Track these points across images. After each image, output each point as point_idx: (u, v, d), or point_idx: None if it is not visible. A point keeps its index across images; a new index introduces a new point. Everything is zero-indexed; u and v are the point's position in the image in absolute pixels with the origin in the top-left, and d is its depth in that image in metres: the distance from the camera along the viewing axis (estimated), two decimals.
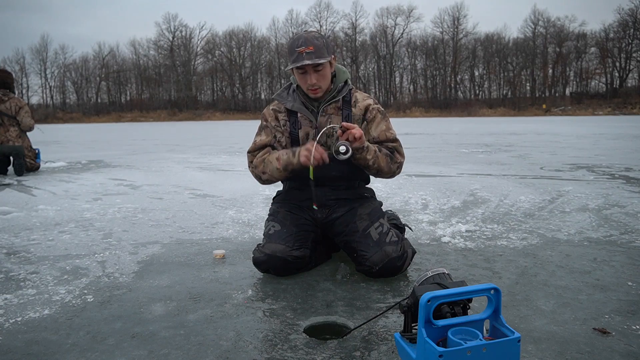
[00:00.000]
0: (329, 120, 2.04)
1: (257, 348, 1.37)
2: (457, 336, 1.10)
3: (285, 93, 2.12)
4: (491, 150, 8.28)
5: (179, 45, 56.58)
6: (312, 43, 1.90)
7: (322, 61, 1.90)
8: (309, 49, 1.89)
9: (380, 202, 2.18)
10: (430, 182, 4.56)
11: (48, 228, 2.93)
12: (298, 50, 1.91)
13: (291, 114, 2.09)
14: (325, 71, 1.97)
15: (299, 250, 1.96)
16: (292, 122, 2.09)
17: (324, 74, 1.97)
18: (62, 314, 1.64)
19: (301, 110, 2.06)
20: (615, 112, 38.92)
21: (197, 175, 5.49)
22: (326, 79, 1.99)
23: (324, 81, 1.99)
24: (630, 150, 7.80)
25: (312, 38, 1.92)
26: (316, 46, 1.90)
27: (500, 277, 1.95)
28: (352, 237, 1.98)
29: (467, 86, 55.54)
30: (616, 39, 48.51)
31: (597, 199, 3.56)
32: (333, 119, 2.05)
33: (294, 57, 1.94)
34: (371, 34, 55.16)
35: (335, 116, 2.05)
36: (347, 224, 2.02)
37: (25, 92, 54.66)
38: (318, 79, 1.96)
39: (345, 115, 2.06)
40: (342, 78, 2.09)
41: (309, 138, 2.05)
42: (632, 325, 1.47)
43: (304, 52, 1.90)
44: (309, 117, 2.06)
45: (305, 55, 1.89)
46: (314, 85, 1.97)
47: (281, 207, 2.14)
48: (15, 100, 5.79)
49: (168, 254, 2.36)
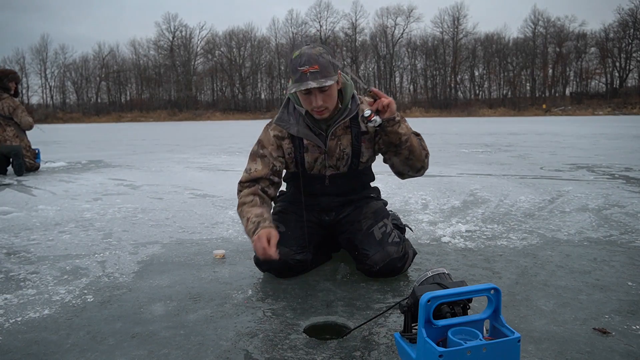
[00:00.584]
0: (339, 143, 1.92)
1: (257, 348, 1.37)
2: (457, 336, 1.10)
3: (286, 115, 1.93)
4: (491, 150, 8.27)
5: (179, 45, 56.61)
6: (317, 61, 1.71)
7: (329, 83, 1.72)
8: (313, 68, 1.70)
9: (385, 202, 2.18)
10: (430, 182, 4.56)
11: (48, 228, 2.93)
12: (301, 70, 1.71)
13: (295, 138, 1.93)
14: (332, 91, 1.79)
15: (301, 254, 1.94)
16: (297, 146, 1.93)
17: (331, 93, 1.78)
18: (62, 314, 1.64)
19: (308, 137, 1.90)
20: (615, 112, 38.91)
21: (197, 175, 5.49)
22: (333, 99, 1.81)
23: (331, 101, 1.81)
24: (630, 150, 7.80)
25: (317, 55, 1.72)
26: (321, 65, 1.71)
27: (500, 277, 1.95)
28: (355, 235, 1.97)
29: (467, 86, 55.58)
30: (616, 39, 48.52)
31: (597, 199, 3.56)
32: (342, 140, 1.93)
33: (296, 77, 1.74)
34: (371, 34, 55.23)
35: (344, 136, 1.93)
36: (352, 223, 2.02)
37: (25, 92, 54.66)
38: (324, 99, 1.78)
39: (354, 133, 1.93)
40: (349, 93, 1.90)
41: (317, 163, 1.95)
42: (632, 325, 1.47)
43: (308, 71, 1.70)
44: (316, 143, 1.91)
45: (310, 75, 1.70)
46: (319, 107, 1.79)
47: (288, 206, 2.09)
48: (8, 100, 5.76)
49: (168, 254, 2.36)
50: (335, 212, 2.07)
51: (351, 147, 1.95)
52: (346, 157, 1.95)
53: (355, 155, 1.97)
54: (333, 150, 1.94)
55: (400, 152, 1.90)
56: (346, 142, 1.94)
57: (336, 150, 1.94)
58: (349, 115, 1.89)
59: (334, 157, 1.95)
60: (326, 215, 2.08)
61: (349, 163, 1.98)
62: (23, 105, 5.99)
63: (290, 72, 1.80)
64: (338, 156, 1.95)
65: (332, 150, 1.93)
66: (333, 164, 1.96)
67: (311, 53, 1.73)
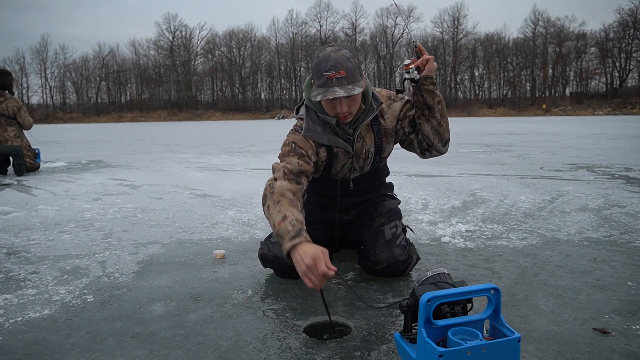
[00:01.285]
0: (364, 144, 1.90)
1: (257, 348, 1.37)
2: (457, 336, 1.10)
3: (311, 124, 1.81)
4: (491, 150, 8.27)
5: (179, 45, 56.65)
6: (344, 66, 1.61)
7: (357, 91, 1.62)
8: (340, 73, 1.60)
9: (399, 201, 2.16)
10: (430, 182, 4.56)
11: (48, 228, 2.93)
12: (327, 75, 1.61)
13: (328, 149, 1.86)
14: (358, 96, 1.70)
15: None
16: (329, 155, 1.88)
17: (356, 99, 1.70)
18: (62, 314, 1.64)
19: (337, 144, 1.83)
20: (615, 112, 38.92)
21: (197, 175, 5.49)
22: (357, 103, 1.73)
23: (356, 106, 1.73)
24: (630, 150, 7.79)
25: (344, 59, 1.62)
26: (348, 70, 1.61)
27: (500, 277, 1.95)
28: (366, 231, 1.98)
29: (467, 86, 55.62)
30: (616, 39, 48.55)
31: (597, 199, 3.56)
32: (366, 140, 1.90)
33: (321, 82, 1.64)
34: (371, 34, 55.30)
35: (367, 134, 1.89)
36: (364, 218, 2.03)
37: (25, 92, 54.77)
38: (350, 105, 1.70)
39: (375, 131, 1.90)
40: (370, 92, 1.82)
41: (344, 167, 1.92)
42: (632, 325, 1.47)
43: (334, 77, 1.60)
44: (345, 148, 1.86)
45: (336, 81, 1.61)
46: (344, 113, 1.71)
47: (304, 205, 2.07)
48: (13, 100, 5.81)
49: (168, 254, 2.36)
50: (353, 210, 2.08)
51: (374, 145, 1.93)
52: (370, 156, 1.94)
53: (378, 152, 1.95)
54: (360, 152, 1.91)
55: (433, 115, 1.85)
56: (370, 142, 1.91)
57: (362, 151, 1.91)
58: (372, 114, 1.83)
59: (361, 159, 1.92)
60: (346, 215, 2.07)
61: (372, 161, 1.96)
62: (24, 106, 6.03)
63: (314, 75, 1.69)
64: (364, 157, 1.93)
65: (359, 152, 1.91)
66: (360, 165, 1.94)
67: (337, 57, 1.62)
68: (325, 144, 1.84)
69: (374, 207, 2.05)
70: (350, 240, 2.11)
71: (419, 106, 1.87)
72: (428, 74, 1.79)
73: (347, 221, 2.09)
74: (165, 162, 7.15)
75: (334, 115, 1.76)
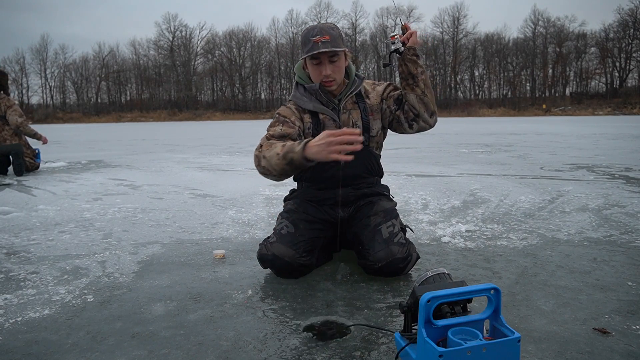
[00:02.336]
0: (350, 117, 2.02)
1: (257, 348, 1.37)
2: (457, 336, 1.10)
3: (299, 94, 2.03)
4: (491, 150, 8.27)
5: (179, 45, 56.62)
6: (329, 32, 1.87)
7: (339, 50, 1.87)
8: (325, 38, 1.85)
9: (395, 203, 2.18)
10: (430, 182, 4.56)
11: (48, 228, 2.93)
12: (313, 40, 1.86)
13: (313, 115, 2.02)
14: (340, 63, 1.92)
15: (306, 258, 1.93)
16: (315, 124, 2.01)
17: (339, 65, 1.92)
18: (62, 314, 1.64)
19: (323, 111, 2.00)
20: (615, 112, 38.92)
21: (197, 175, 5.49)
22: (341, 72, 1.94)
23: (339, 73, 1.94)
24: (630, 150, 7.80)
25: (328, 28, 1.89)
26: (332, 36, 1.87)
27: (500, 277, 1.95)
28: (363, 231, 1.98)
29: (467, 86, 55.59)
30: (616, 39, 48.54)
31: (597, 199, 3.56)
32: (353, 114, 2.03)
33: (308, 47, 1.87)
34: (371, 34, 55.28)
35: (354, 110, 2.03)
36: (361, 218, 2.04)
37: (25, 92, 54.74)
38: (333, 70, 1.91)
39: (362, 108, 2.04)
40: (354, 71, 2.05)
41: None
42: (632, 325, 1.47)
43: (319, 41, 1.85)
44: (331, 116, 2.01)
45: (322, 44, 1.85)
46: (328, 77, 1.92)
47: (299, 205, 2.08)
48: (5, 100, 5.76)
49: (168, 254, 2.36)
50: (351, 206, 2.09)
51: (362, 122, 2.04)
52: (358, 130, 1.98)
53: (366, 130, 2.05)
54: (346, 123, 2.01)
55: (417, 84, 2.00)
56: (356, 116, 2.03)
57: (349, 123, 2.02)
58: (356, 88, 2.02)
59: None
60: (342, 210, 2.08)
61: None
62: (17, 105, 5.95)
63: (302, 44, 1.92)
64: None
65: (345, 123, 2.01)
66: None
67: (323, 26, 1.89)
68: (310, 110, 2.00)
69: (370, 207, 2.06)
70: (348, 239, 2.11)
71: (403, 76, 2.03)
72: (411, 45, 1.99)
73: (343, 218, 2.08)
74: (165, 162, 7.15)
75: (319, 81, 1.95)
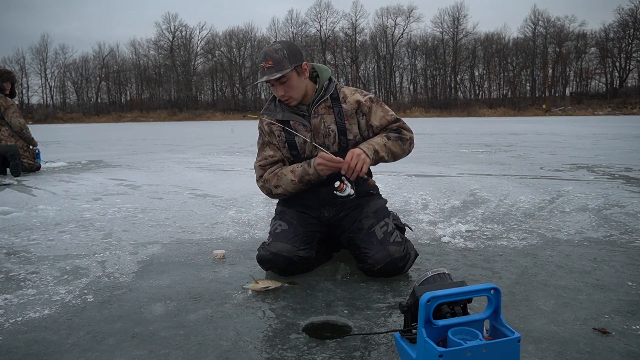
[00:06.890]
0: (323, 121, 2.04)
1: (257, 348, 1.37)
2: (457, 336, 1.10)
3: (272, 106, 2.12)
4: (491, 150, 8.27)
5: (179, 45, 56.58)
6: (271, 57, 1.93)
7: (277, 75, 1.91)
8: (268, 64, 1.93)
9: (385, 200, 2.18)
10: (430, 182, 4.56)
11: (48, 228, 2.93)
12: (261, 66, 1.97)
13: (284, 124, 2.08)
14: (292, 82, 1.96)
15: (305, 250, 1.96)
16: (287, 132, 2.08)
17: (290, 84, 1.97)
18: (62, 314, 1.64)
19: (292, 118, 2.05)
20: (615, 112, 38.90)
21: (197, 175, 5.49)
22: (294, 89, 1.99)
23: (293, 91, 1.99)
24: (630, 150, 7.80)
25: (272, 52, 1.94)
26: (275, 60, 1.92)
27: (500, 277, 1.95)
28: (357, 235, 1.98)
29: (467, 86, 55.55)
30: (616, 39, 48.50)
31: (597, 199, 3.56)
32: (326, 119, 2.04)
33: (259, 72, 1.99)
34: (371, 34, 55.17)
35: (328, 115, 2.05)
36: (353, 222, 2.03)
37: (25, 92, 54.70)
38: (285, 90, 1.97)
39: (336, 112, 2.05)
40: (326, 76, 2.08)
41: (307, 145, 2.05)
42: (632, 325, 1.47)
43: (264, 67, 1.94)
44: (302, 122, 2.05)
45: (266, 70, 1.94)
46: (283, 97, 1.99)
47: (289, 206, 2.13)
48: (1, 100, 5.72)
49: (168, 254, 2.36)
50: (335, 208, 2.08)
51: (336, 125, 2.05)
52: (332, 134, 2.04)
53: (342, 132, 2.06)
54: (318, 127, 2.04)
55: (386, 161, 2.06)
56: (330, 120, 2.05)
57: (321, 127, 2.04)
58: (326, 94, 2.05)
59: (321, 134, 2.03)
60: (325, 210, 2.08)
61: (337, 141, 2.05)
62: (16, 106, 5.89)
63: None
64: (324, 133, 2.04)
65: (317, 127, 2.04)
66: (321, 142, 2.04)
67: (267, 50, 1.96)
68: (280, 119, 2.07)
69: (360, 210, 2.06)
70: (343, 244, 2.12)
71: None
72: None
73: (327, 218, 2.08)
74: (165, 162, 7.15)
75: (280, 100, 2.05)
